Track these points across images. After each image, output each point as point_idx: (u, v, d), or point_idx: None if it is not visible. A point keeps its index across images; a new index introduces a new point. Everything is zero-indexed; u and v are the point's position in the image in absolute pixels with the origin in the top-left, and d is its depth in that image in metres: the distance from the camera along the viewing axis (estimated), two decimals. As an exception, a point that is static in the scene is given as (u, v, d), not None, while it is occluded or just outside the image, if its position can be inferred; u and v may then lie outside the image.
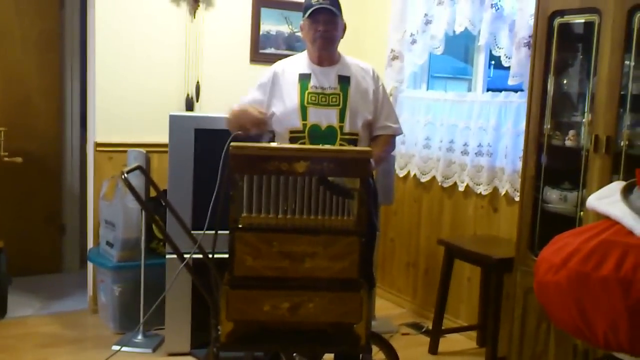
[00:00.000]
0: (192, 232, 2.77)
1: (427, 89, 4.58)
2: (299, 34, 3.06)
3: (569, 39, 3.08)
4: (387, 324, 4.17)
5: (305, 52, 3.02)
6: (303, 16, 2.94)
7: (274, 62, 3.19)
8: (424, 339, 3.95)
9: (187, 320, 3.54)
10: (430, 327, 3.89)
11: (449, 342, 3.89)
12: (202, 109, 4.23)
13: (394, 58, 4.44)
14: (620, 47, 2.68)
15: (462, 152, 4.03)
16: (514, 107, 3.67)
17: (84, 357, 3.48)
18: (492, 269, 3.45)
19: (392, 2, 4.43)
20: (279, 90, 2.94)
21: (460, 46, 6.63)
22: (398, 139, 3.40)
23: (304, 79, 2.93)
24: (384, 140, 3.03)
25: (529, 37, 3.39)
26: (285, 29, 4.55)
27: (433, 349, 3.78)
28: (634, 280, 1.92)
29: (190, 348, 3.56)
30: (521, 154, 3.30)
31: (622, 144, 2.71)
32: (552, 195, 3.04)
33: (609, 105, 2.72)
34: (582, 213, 2.88)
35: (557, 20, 3.00)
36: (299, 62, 2.99)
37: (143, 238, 3.70)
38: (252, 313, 2.36)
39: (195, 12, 4.21)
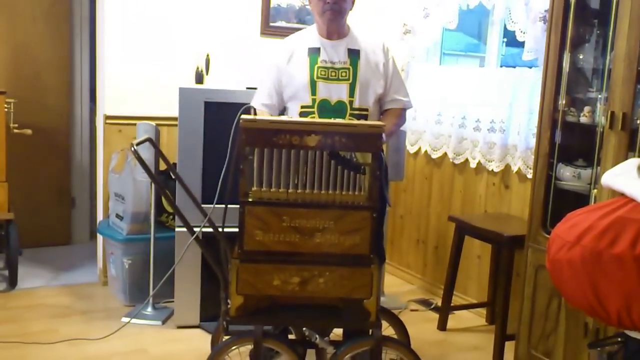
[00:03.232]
0: (202, 205, 2.76)
1: (440, 64, 4.52)
2: (310, 6, 3.02)
3: (585, 14, 3.02)
4: (396, 300, 4.17)
5: (314, 26, 2.97)
6: (311, -12, 2.89)
7: (285, 35, 3.15)
8: (432, 315, 3.95)
9: (196, 293, 3.55)
10: (440, 304, 3.89)
11: (457, 319, 3.89)
12: (212, 82, 4.20)
13: (407, 32, 4.38)
14: (638, 21, 2.62)
15: (474, 129, 3.98)
16: (528, 83, 3.61)
17: (93, 328, 3.50)
18: (503, 246, 3.43)
19: (406, -25, 4.37)
20: (291, 67, 2.90)
21: (473, 22, 6.55)
22: (409, 114, 3.36)
23: (313, 53, 2.88)
24: (394, 113, 3.00)
25: (545, 11, 3.33)
26: (296, 1, 4.49)
27: (442, 326, 3.78)
28: (649, 258, 1.89)
29: (200, 321, 3.58)
30: (534, 130, 3.26)
31: (638, 121, 2.66)
32: (566, 173, 3.00)
33: (625, 82, 2.67)
34: (595, 191, 2.84)
35: (574, -6, 2.94)
36: (308, 36, 2.95)
37: (153, 211, 3.70)
38: (262, 287, 2.36)
39: (205, -16, 4.17)
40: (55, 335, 3.40)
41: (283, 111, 2.98)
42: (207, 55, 4.07)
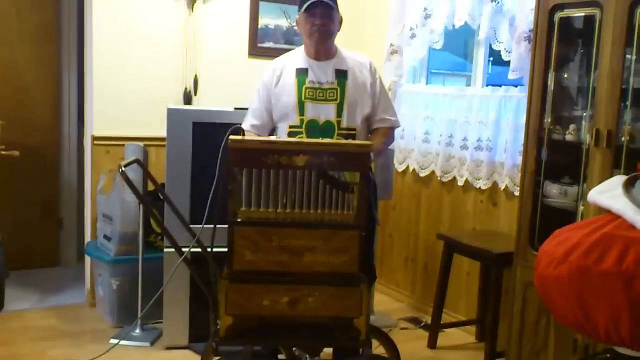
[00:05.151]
0: (191, 226, 2.76)
1: (427, 84, 4.56)
2: (298, 28, 3.05)
3: (569, 33, 3.06)
4: (386, 318, 4.17)
5: (302, 47, 3.00)
6: (299, 10, 2.92)
7: (273, 56, 3.17)
8: (422, 333, 3.95)
9: (185, 314, 3.53)
10: (429, 322, 3.89)
11: (448, 337, 3.88)
12: (200, 103, 4.21)
13: (394, 52, 4.42)
14: (621, 41, 2.67)
15: (461, 147, 4.01)
16: (514, 102, 3.65)
17: (81, 350, 3.47)
18: (492, 263, 3.44)
19: (392, -5, 4.41)
20: (279, 87, 2.93)
21: (459, 42, 6.60)
22: (397, 133, 3.39)
23: (301, 74, 2.91)
24: (383, 133, 3.02)
25: (530, 31, 3.37)
26: (284, 23, 4.53)
27: (432, 344, 3.77)
28: (635, 274, 1.91)
29: (189, 342, 3.55)
30: (521, 148, 3.29)
31: (623, 139, 2.70)
32: (553, 190, 3.03)
33: (610, 100, 2.71)
34: (582, 208, 2.87)
35: (558, 15, 2.98)
36: (297, 57, 2.98)
37: (141, 232, 3.68)
38: (251, 307, 2.35)
39: (193, 6, 4.18)
40: (43, 358, 3.37)
41: (273, 131, 3.00)
42: (196, 76, 4.10)
